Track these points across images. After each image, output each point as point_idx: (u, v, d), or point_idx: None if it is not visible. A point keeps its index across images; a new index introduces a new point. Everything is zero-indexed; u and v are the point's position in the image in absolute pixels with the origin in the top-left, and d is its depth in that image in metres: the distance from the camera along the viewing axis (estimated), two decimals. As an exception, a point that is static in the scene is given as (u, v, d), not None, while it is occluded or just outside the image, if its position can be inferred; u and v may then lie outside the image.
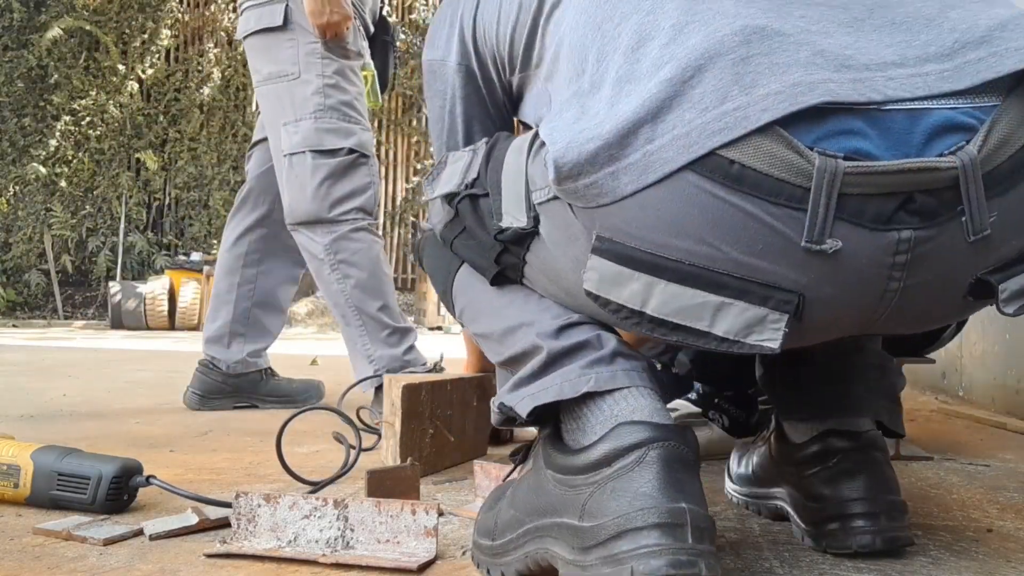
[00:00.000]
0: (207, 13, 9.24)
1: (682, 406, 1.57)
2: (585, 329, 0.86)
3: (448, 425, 1.42)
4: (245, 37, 2.08)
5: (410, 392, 1.33)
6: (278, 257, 2.25)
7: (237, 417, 2.04)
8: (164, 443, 1.63)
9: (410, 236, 9.07)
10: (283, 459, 1.23)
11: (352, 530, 0.90)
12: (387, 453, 1.38)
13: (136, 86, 8.92)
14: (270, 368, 2.27)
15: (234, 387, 2.18)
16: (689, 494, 0.74)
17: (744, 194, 0.68)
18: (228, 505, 0.98)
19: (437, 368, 2.03)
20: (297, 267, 2.27)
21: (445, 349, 3.02)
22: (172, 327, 7.31)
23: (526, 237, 0.85)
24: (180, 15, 9.19)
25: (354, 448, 1.31)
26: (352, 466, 1.27)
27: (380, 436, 1.63)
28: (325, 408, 1.51)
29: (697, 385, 1.58)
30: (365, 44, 2.17)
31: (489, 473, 1.10)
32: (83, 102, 8.75)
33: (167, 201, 9.12)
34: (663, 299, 0.73)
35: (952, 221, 0.70)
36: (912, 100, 0.69)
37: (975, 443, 1.79)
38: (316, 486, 1.20)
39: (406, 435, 1.32)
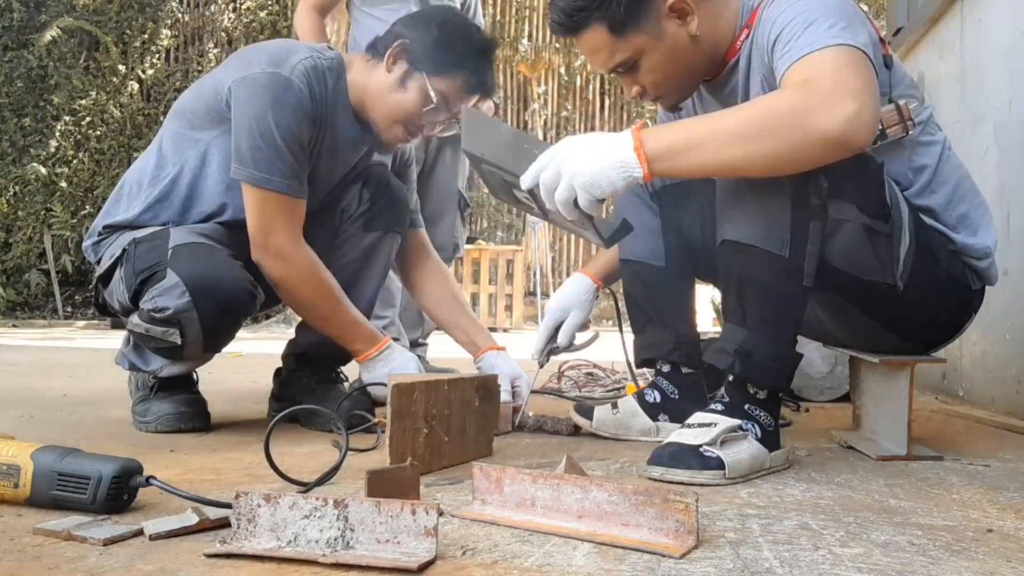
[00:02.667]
0: (207, 13, 9.25)
1: (719, 420, 1.41)
2: None
3: (445, 425, 1.42)
4: None
5: (400, 392, 1.33)
6: None
7: (238, 417, 2.04)
8: (164, 443, 1.63)
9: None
10: (271, 459, 1.23)
11: (352, 530, 0.90)
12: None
13: (136, 86, 8.92)
14: None
15: None
16: None
17: None
18: (228, 505, 0.98)
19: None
20: None
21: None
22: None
23: None
24: (180, 15, 9.19)
25: (352, 448, 1.31)
26: (339, 466, 1.27)
27: (379, 437, 1.64)
28: (314, 409, 1.51)
29: (719, 392, 1.49)
30: None
31: (489, 475, 1.10)
32: (83, 102, 8.75)
33: (167, 201, 9.10)
34: None
35: None
36: None
37: (975, 443, 1.79)
38: (307, 486, 1.20)
39: (397, 434, 1.31)
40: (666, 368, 1.78)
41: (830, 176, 1.36)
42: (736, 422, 1.40)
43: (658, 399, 1.76)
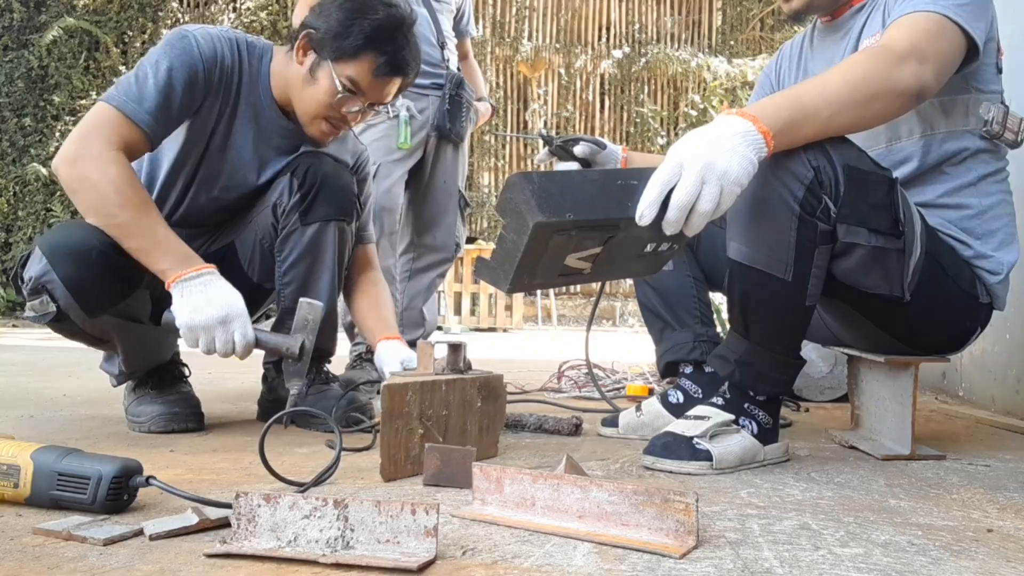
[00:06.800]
0: (207, 13, 9.25)
1: (714, 414, 1.46)
2: None
3: (443, 426, 1.41)
4: None
5: (392, 392, 1.33)
6: None
7: (237, 417, 2.04)
8: (164, 443, 1.63)
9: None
10: (266, 460, 1.23)
11: (352, 530, 0.90)
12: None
13: (136, 86, 8.92)
14: None
15: None
16: None
17: None
18: (228, 505, 0.98)
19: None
20: None
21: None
22: (172, 327, 7.28)
23: None
24: (180, 15, 9.19)
25: (345, 449, 1.31)
26: (334, 467, 1.27)
27: (374, 437, 1.63)
28: (307, 411, 1.51)
29: (723, 388, 1.51)
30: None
31: (489, 475, 1.10)
32: (83, 102, 8.75)
33: (167, 201, 9.10)
34: None
35: None
36: None
37: (975, 443, 1.79)
38: (303, 487, 1.20)
39: (388, 435, 1.31)
40: (688, 370, 1.79)
41: (841, 200, 1.36)
42: (731, 417, 1.45)
43: (681, 399, 1.76)
